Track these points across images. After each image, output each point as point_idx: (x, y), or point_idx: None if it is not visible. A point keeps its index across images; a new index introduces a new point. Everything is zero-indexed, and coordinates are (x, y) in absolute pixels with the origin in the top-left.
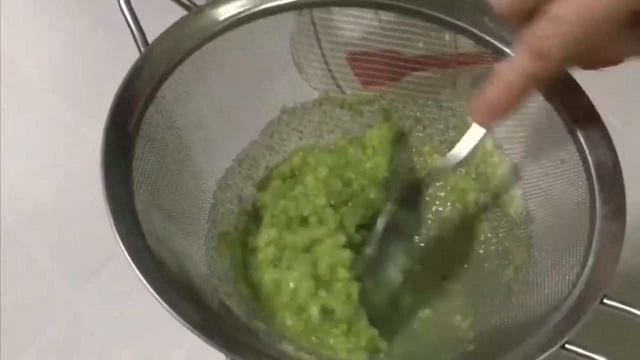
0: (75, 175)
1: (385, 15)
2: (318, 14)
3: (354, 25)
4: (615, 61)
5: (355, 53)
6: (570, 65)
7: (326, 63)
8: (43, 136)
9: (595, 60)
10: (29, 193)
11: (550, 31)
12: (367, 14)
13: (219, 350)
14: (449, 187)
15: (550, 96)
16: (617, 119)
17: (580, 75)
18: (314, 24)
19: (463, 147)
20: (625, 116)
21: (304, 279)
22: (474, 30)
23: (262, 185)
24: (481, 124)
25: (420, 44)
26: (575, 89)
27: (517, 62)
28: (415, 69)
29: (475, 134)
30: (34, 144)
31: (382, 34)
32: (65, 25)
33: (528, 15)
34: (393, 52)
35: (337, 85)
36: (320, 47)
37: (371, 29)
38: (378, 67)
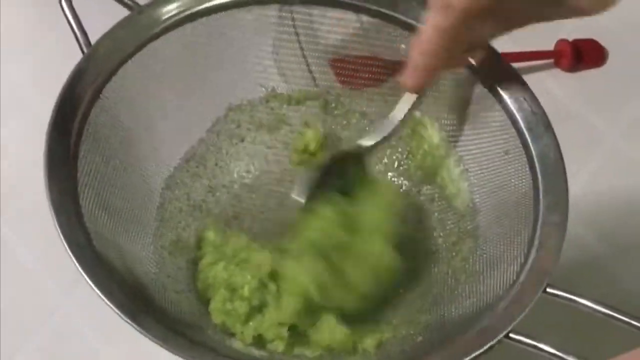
0: None
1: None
2: (299, 15)
3: (336, 28)
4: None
5: (338, 56)
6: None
7: (307, 63)
8: (27, 141)
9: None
10: (16, 197)
11: None
12: (348, 15)
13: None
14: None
15: (493, 88)
16: (598, 121)
17: (562, 77)
18: (295, 27)
19: (397, 114)
20: (606, 118)
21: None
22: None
23: None
24: (411, 88)
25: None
26: (517, 80)
27: (428, 19)
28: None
29: (407, 99)
30: (18, 149)
31: (363, 38)
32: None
33: None
34: (375, 56)
35: (316, 86)
36: (302, 50)
37: (353, 33)
38: (359, 70)
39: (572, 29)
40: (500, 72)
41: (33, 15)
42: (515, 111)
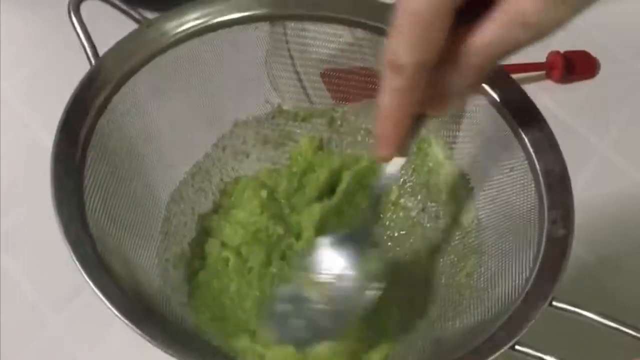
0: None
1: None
2: (290, 30)
3: (327, 42)
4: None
5: (329, 70)
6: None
7: (300, 80)
8: (19, 157)
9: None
10: (6, 214)
11: (393, 42)
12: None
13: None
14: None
15: (497, 105)
16: (589, 133)
17: (554, 89)
18: (287, 41)
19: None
20: (597, 130)
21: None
22: None
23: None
24: (386, 158)
25: None
26: (522, 97)
27: (383, 83)
28: None
29: (392, 166)
30: (9, 165)
31: (355, 51)
32: (14, 39)
33: None
34: (366, 69)
35: (310, 102)
36: (294, 64)
37: (345, 46)
38: (351, 83)
39: (564, 40)
40: (505, 89)
41: (41, 26)
42: (520, 127)
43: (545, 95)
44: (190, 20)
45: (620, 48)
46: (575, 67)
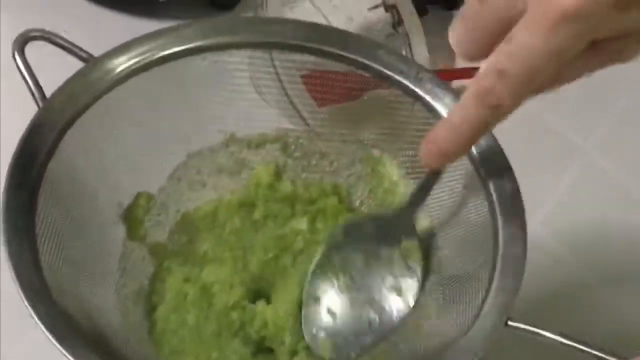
0: None
1: None
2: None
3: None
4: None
5: (311, 73)
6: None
7: (281, 82)
8: None
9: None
10: None
11: (498, 84)
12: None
13: None
14: None
15: None
16: (576, 136)
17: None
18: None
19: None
20: (583, 133)
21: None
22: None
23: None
24: (433, 168)
25: None
26: None
27: (468, 110)
28: (376, 87)
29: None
30: None
31: None
32: None
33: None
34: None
35: (295, 110)
36: (277, 73)
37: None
38: (334, 85)
39: None
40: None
41: None
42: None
43: (530, 98)
44: (136, 56)
45: None
46: None
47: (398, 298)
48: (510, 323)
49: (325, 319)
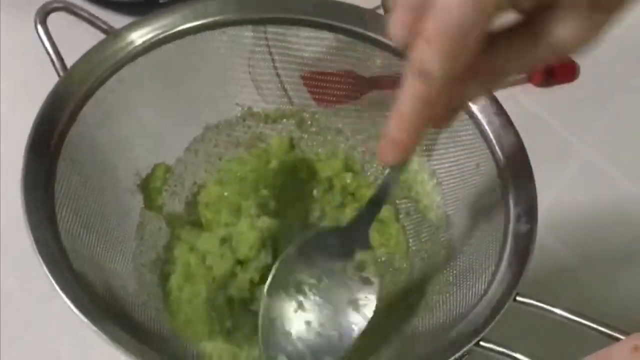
0: None
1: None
2: (271, 35)
3: (309, 46)
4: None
5: (310, 73)
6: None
7: (280, 82)
8: (2, 163)
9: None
10: None
11: (425, 52)
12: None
13: None
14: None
15: None
16: (570, 135)
17: (535, 92)
18: (268, 45)
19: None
20: (578, 131)
21: None
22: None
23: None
24: (390, 163)
25: (378, 63)
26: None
27: (405, 88)
28: (373, 88)
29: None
30: None
31: (338, 54)
32: None
33: None
34: (349, 72)
35: (291, 104)
36: (275, 67)
37: (327, 49)
38: (333, 86)
39: None
40: None
41: (8, 39)
42: (485, 124)
43: (526, 98)
44: (157, 29)
45: (600, 52)
46: (556, 71)
47: (355, 313)
48: (518, 298)
49: (283, 341)
